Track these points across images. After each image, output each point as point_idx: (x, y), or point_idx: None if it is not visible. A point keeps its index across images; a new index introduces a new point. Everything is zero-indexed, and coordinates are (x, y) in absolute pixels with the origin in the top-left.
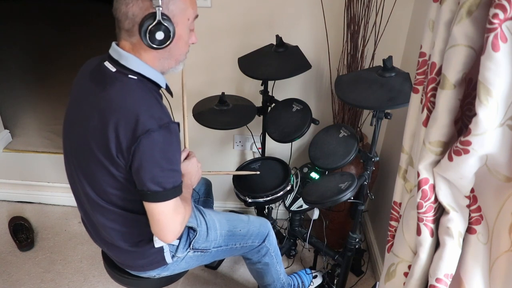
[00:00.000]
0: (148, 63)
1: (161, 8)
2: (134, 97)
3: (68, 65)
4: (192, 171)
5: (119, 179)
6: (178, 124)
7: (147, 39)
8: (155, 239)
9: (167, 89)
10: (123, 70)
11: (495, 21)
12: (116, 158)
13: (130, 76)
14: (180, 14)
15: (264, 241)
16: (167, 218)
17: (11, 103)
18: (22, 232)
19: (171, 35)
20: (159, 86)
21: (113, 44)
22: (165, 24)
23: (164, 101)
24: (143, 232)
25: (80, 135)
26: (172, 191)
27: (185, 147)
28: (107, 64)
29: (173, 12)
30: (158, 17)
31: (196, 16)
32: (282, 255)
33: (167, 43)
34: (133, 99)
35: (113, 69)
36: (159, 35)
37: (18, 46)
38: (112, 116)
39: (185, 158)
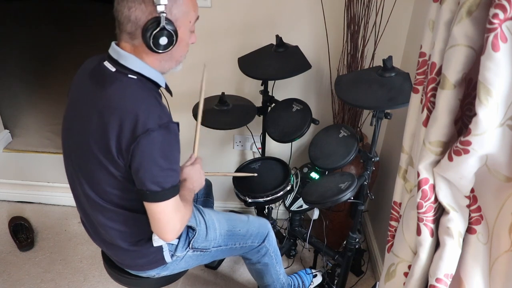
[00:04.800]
0: (148, 64)
1: (165, 14)
2: (133, 96)
3: (68, 65)
4: (194, 177)
5: (118, 178)
6: (177, 124)
7: (150, 44)
8: (154, 238)
9: (167, 88)
10: (122, 69)
11: (495, 21)
12: (116, 157)
13: (129, 75)
14: (183, 17)
15: (263, 241)
16: (167, 217)
17: (11, 103)
18: (22, 232)
19: (174, 40)
20: (158, 86)
21: (113, 44)
22: (169, 29)
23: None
24: (142, 231)
25: (79, 134)
26: (171, 191)
27: (193, 152)
28: (106, 64)
29: (176, 16)
30: (162, 23)
31: (197, 18)
32: (282, 255)
33: (170, 47)
34: (132, 99)
35: (113, 69)
36: (163, 40)
37: (18, 46)
38: (112, 115)
39: (191, 163)
